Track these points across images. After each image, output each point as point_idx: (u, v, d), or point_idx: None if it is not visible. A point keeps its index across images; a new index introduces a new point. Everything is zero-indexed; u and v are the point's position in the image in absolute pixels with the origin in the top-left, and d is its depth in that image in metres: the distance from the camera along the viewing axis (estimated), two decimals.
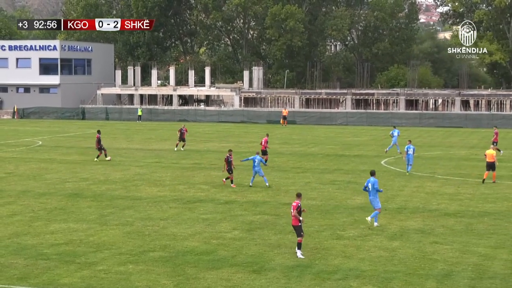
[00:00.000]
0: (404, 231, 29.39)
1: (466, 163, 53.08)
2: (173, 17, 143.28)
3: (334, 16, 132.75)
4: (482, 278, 22.74)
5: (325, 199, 36.88)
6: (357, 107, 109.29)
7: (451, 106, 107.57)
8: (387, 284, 22.15)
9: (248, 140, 73.77)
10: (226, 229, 29.85)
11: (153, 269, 23.68)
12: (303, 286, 21.94)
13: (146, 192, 39.33)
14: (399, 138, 60.73)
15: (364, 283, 22.22)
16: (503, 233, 29.21)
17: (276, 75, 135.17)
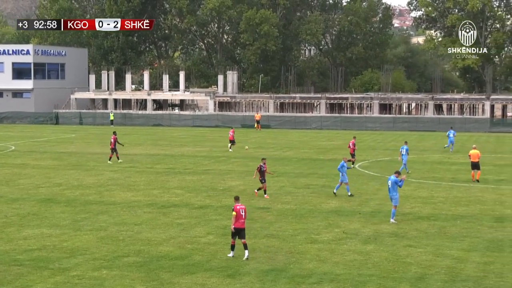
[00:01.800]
0: (378, 235, 29.48)
1: (440, 167, 53.36)
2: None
3: (308, 21, 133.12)
4: (455, 281, 22.85)
5: (299, 203, 36.90)
6: (331, 111, 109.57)
7: (425, 110, 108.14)
8: (363, 287, 22.21)
9: (223, 144, 73.62)
10: (200, 233, 29.78)
11: (127, 274, 23.56)
12: None
13: (120, 197, 39.15)
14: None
15: (339, 286, 22.26)
16: (476, 236, 29.37)
17: (250, 79, 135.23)
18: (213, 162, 56.93)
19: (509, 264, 24.90)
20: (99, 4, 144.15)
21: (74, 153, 63.53)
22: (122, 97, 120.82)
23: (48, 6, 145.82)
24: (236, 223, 25.57)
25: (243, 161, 57.11)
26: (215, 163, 55.86)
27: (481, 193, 40.52)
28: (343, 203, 36.98)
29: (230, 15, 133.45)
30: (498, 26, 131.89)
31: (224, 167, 53.50)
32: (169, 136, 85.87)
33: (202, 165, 54.33)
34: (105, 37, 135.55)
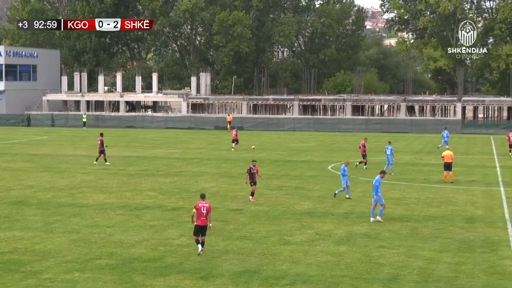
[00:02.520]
0: (350, 236, 29.56)
1: (412, 168, 53.62)
2: None
3: (281, 23, 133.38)
4: (427, 281, 22.97)
5: (272, 205, 36.92)
6: (304, 113, 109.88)
7: (397, 112, 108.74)
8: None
9: (196, 146, 73.66)
10: (173, 235, 29.70)
11: (99, 276, 23.43)
12: None
13: (92, 199, 38.96)
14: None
15: (312, 287, 22.31)
16: (448, 236, 29.55)
17: (223, 81, 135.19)
18: (186, 164, 56.84)
19: (480, 265, 25.08)
20: (71, 5, 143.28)
21: (46, 155, 63.15)
22: (94, 99, 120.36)
23: (19, 7, 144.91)
24: (197, 220, 26.04)
25: (217, 163, 57.10)
26: (188, 165, 55.77)
27: (452, 194, 40.79)
28: (316, 205, 37.06)
29: (203, 16, 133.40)
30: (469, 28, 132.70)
31: (197, 169, 53.44)
32: (142, 138, 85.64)
33: (175, 167, 54.23)
34: (77, 38, 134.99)
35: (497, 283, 22.89)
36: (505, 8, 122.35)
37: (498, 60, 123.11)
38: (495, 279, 23.28)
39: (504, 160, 60.59)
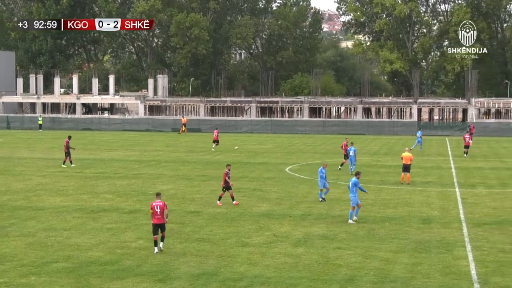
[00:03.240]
0: (308, 237, 29.64)
1: (368, 170, 53.88)
2: None
3: (238, 25, 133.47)
4: (384, 282, 23.11)
5: (230, 207, 36.88)
6: (261, 115, 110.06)
7: (354, 114, 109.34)
8: None
9: (153, 148, 73.36)
10: (131, 238, 29.55)
11: (56, 280, 23.22)
12: None
13: (48, 202, 38.60)
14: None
15: None
16: (404, 237, 29.76)
17: (181, 83, 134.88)
18: (144, 166, 56.60)
19: (436, 265, 25.30)
20: (26, 6, 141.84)
21: (1, 158, 62.37)
22: (50, 101, 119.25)
23: None
24: (153, 219, 26.92)
25: (174, 165, 56.93)
26: (146, 167, 55.54)
27: (408, 195, 41.10)
28: (273, 206, 37.11)
29: (160, 18, 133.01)
30: (424, 31, 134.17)
31: (155, 171, 53.24)
32: (98, 140, 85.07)
33: (133, 170, 53.96)
34: (33, 40, 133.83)
35: (452, 283, 23.10)
36: (460, 11, 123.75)
37: (453, 63, 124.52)
38: (450, 279, 23.51)
39: (459, 161, 61.24)
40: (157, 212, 26.81)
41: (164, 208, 26.94)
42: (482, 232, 30.92)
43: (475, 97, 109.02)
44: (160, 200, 27.14)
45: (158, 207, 26.82)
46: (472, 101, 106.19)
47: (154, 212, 26.89)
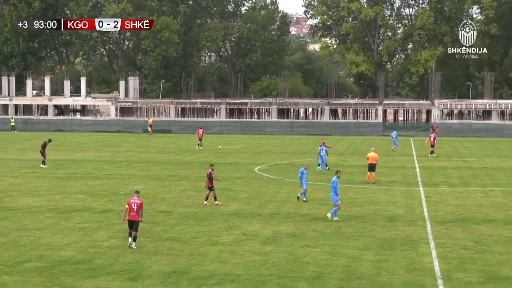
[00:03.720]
0: (277, 236, 29.71)
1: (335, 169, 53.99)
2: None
3: (208, 28, 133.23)
4: (350, 279, 23.24)
5: (200, 206, 36.88)
6: (231, 116, 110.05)
7: (321, 115, 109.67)
8: (262, 287, 22.36)
9: (124, 149, 73.11)
10: (102, 237, 29.44)
11: (29, 279, 23.08)
12: None
13: (21, 202, 38.32)
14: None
15: (239, 287, 22.37)
16: (370, 235, 29.94)
17: (152, 85, 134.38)
18: (115, 166, 56.39)
19: (401, 262, 25.48)
20: None
21: None
22: (23, 103, 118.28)
23: None
24: (128, 215, 27.34)
25: (145, 166, 56.80)
26: (117, 168, 55.34)
27: (374, 194, 41.34)
28: (242, 206, 37.16)
29: None
30: (389, 35, 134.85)
31: (126, 171, 53.07)
32: (70, 141, 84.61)
33: (104, 170, 53.73)
34: (5, 42, 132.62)
35: (417, 279, 23.29)
36: (424, 15, 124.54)
37: (417, 65, 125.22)
38: (414, 276, 23.69)
39: (423, 161, 61.67)
40: (134, 209, 27.23)
41: (140, 207, 27.35)
42: (445, 229, 31.19)
43: (438, 98, 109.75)
44: (138, 198, 27.53)
45: (135, 205, 27.28)
46: (436, 102, 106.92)
47: (131, 209, 27.28)
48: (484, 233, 30.40)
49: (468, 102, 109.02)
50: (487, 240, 29.14)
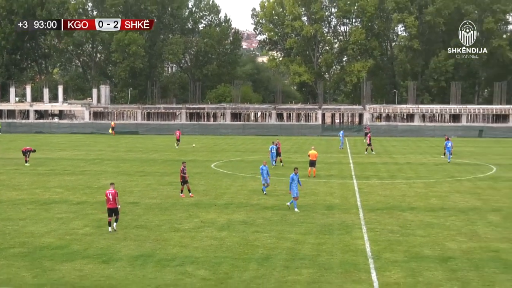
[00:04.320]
0: (231, 223, 29.76)
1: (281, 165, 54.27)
2: (29, 41, 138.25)
3: (170, 42, 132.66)
4: (294, 259, 23.38)
5: (164, 198, 36.77)
6: (190, 119, 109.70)
7: (268, 118, 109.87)
8: (217, 268, 22.39)
9: (97, 148, 72.43)
10: (78, 226, 29.22)
11: (13, 263, 22.87)
12: (146, 273, 21.87)
13: (6, 196, 37.80)
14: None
15: (198, 268, 22.39)
16: (311, 222, 30.12)
17: (121, 92, 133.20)
18: (89, 164, 55.87)
19: (338, 244, 25.70)
20: None
21: None
22: (7, 108, 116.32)
23: None
24: (108, 204, 28.01)
25: (115, 163, 56.37)
26: (91, 165, 54.84)
27: (314, 186, 41.56)
28: (201, 197, 37.12)
29: (103, 37, 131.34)
30: (327, 49, 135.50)
31: (99, 168, 52.61)
32: (49, 142, 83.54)
33: (79, 167, 53.22)
34: None
35: (351, 259, 23.53)
36: (356, 32, 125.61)
37: (351, 75, 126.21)
38: (349, 256, 23.93)
39: (356, 157, 62.13)
40: (110, 198, 27.85)
41: (115, 195, 27.97)
42: (375, 216, 31.51)
43: (369, 104, 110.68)
44: (113, 189, 28.19)
45: (110, 195, 27.90)
46: (367, 107, 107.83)
47: (107, 199, 27.92)
48: (408, 219, 30.78)
49: (394, 107, 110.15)
50: (410, 225, 29.53)
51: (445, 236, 27.30)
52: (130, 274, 21.76)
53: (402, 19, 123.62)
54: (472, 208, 33.87)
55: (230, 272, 21.98)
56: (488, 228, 28.87)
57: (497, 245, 25.80)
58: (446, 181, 44.23)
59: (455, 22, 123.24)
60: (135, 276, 21.53)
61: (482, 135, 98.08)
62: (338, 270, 22.24)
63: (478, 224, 29.69)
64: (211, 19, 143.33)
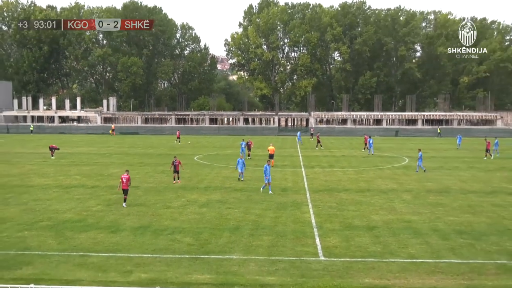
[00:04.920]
0: (209, 202, 29.67)
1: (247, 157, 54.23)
2: (54, 63, 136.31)
3: (162, 65, 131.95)
4: (257, 229, 23.40)
5: (158, 183, 36.52)
6: (178, 123, 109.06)
7: (238, 122, 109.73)
8: (199, 235, 22.31)
9: (107, 145, 71.62)
10: (92, 204, 28.89)
11: (42, 233, 22.55)
12: (145, 240, 21.73)
13: (36, 181, 37.23)
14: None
15: (185, 235, 22.29)
16: (270, 200, 30.15)
17: (125, 102, 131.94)
18: (101, 157, 55.23)
19: (290, 217, 25.76)
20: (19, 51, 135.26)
21: (3, 153, 59.60)
22: (37, 115, 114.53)
23: None
24: (122, 186, 28.36)
25: (121, 156, 55.80)
26: (102, 158, 54.21)
27: (273, 174, 41.38)
28: (187, 182, 36.92)
29: (111, 60, 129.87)
30: (282, 69, 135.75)
31: (108, 160, 52.03)
32: (70, 140, 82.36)
33: (93, 159, 52.57)
34: (24, 74, 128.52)
35: (300, 228, 23.61)
36: (303, 57, 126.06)
37: (300, 90, 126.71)
38: (299, 226, 24.01)
39: (304, 151, 62.30)
40: (124, 182, 28.23)
41: (128, 179, 28.49)
42: (318, 196, 31.65)
43: (313, 111, 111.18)
44: (127, 174, 28.63)
45: (125, 179, 28.28)
46: (312, 114, 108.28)
47: (122, 182, 28.27)
48: (343, 198, 30.98)
49: (332, 113, 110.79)
50: (344, 202, 29.72)
51: (370, 210, 27.53)
52: (132, 241, 21.58)
53: (337, 48, 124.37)
54: (391, 189, 34.21)
55: (209, 239, 21.91)
56: (402, 205, 29.18)
57: (409, 217, 26.10)
58: (371, 169, 44.61)
59: (377, 50, 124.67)
60: (136, 242, 21.36)
61: (398, 135, 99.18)
62: (290, 236, 22.31)
63: (395, 202, 29.99)
64: (194, 47, 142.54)
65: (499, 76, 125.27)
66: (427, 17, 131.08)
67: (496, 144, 57.07)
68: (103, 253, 20.02)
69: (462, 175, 41.10)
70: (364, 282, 17.25)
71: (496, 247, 20.98)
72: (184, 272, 18.07)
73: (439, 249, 20.71)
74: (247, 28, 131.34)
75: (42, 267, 18.43)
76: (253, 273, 18.02)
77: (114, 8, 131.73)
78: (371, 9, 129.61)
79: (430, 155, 57.44)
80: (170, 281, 17.18)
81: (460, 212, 27.26)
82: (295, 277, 17.70)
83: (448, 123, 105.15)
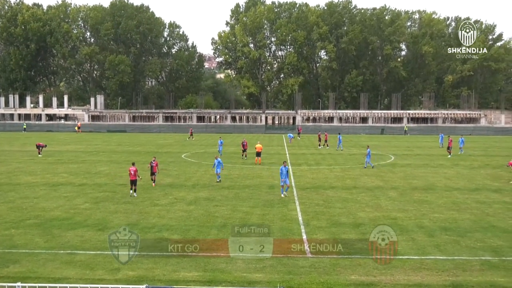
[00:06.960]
0: (197, 199, 29.57)
1: (234, 155, 54.21)
2: (41, 61, 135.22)
3: (150, 63, 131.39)
4: (245, 226, 23.27)
5: (146, 181, 36.26)
6: (166, 121, 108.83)
7: (225, 120, 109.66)
8: (187, 233, 22.20)
9: (94, 143, 71.21)
10: (80, 202, 28.66)
11: (29, 231, 22.31)
12: None
13: (23, 179, 36.89)
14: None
15: (172, 233, 22.17)
16: (258, 198, 30.12)
17: (112, 100, 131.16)
18: (88, 155, 54.89)
19: (277, 215, 25.74)
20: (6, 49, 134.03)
21: None
22: (24, 112, 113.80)
23: None
24: (130, 177, 30.10)
25: (108, 154, 55.51)
26: (89, 156, 53.88)
27: (260, 171, 41.60)
28: (174, 180, 36.80)
29: (98, 58, 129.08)
30: (269, 68, 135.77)
31: (95, 158, 51.73)
32: (57, 138, 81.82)
33: (81, 157, 52.23)
34: (11, 71, 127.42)
35: (288, 226, 23.59)
36: (290, 56, 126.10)
37: (287, 88, 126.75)
38: (286, 223, 23.99)
39: (291, 149, 62.40)
40: (132, 173, 30.05)
41: (136, 171, 30.10)
42: (305, 193, 31.67)
43: (300, 109, 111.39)
44: (134, 167, 30.47)
45: (132, 171, 30.09)
46: (299, 112, 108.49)
47: (130, 173, 30.13)
48: (329, 195, 31.03)
49: (319, 111, 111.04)
50: (331, 199, 29.76)
51: (357, 208, 27.58)
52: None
53: (324, 46, 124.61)
54: (377, 187, 34.32)
55: (196, 236, 21.83)
56: (388, 202, 29.28)
57: (395, 214, 26.19)
58: (357, 167, 44.74)
59: (362, 49, 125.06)
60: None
61: (383, 133, 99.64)
62: (278, 234, 22.27)
63: (381, 199, 30.09)
64: (181, 45, 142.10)
65: (483, 75, 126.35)
66: (412, 16, 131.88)
67: (461, 141, 57.99)
68: (91, 251, 19.86)
69: (446, 172, 41.37)
70: (350, 279, 17.27)
71: (481, 244, 21.12)
72: (172, 269, 17.98)
73: (424, 246, 20.79)
74: (234, 27, 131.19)
75: (29, 265, 18.25)
76: (241, 270, 17.98)
77: (101, 6, 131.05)
78: (357, 9, 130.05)
79: (415, 152, 57.74)
80: (157, 279, 17.09)
81: (445, 209, 27.41)
82: (282, 274, 17.68)
83: (432, 121, 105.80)
